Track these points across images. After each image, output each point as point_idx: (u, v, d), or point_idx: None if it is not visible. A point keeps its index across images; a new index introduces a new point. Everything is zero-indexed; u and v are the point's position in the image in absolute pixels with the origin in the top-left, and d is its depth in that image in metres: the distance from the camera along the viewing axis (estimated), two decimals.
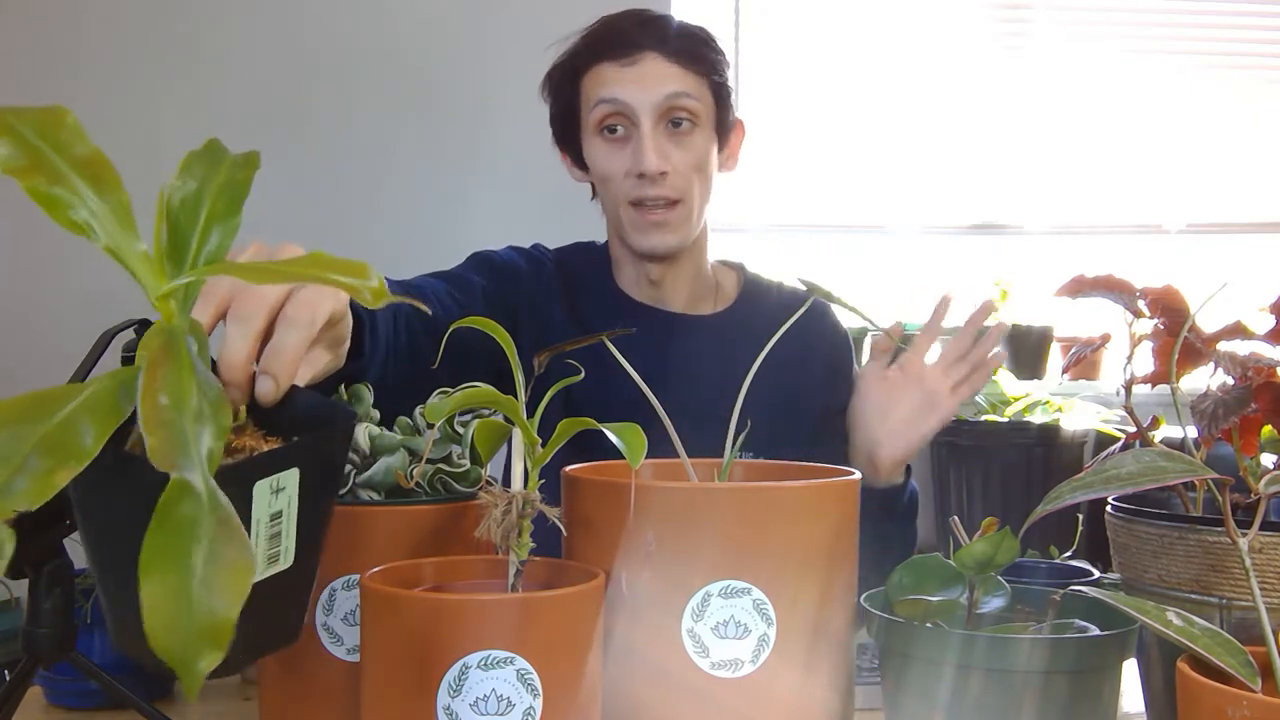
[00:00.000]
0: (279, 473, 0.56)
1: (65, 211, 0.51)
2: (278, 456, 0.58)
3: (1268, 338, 0.76)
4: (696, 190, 1.30)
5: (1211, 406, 0.71)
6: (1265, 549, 0.72)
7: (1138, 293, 0.78)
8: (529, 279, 1.36)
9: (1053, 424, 2.23)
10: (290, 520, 0.58)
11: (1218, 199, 2.72)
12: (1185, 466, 0.66)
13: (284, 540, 0.58)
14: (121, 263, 0.53)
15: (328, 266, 0.49)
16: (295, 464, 0.57)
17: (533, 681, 0.63)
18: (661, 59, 1.26)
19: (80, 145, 0.52)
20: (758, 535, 0.70)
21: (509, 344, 0.72)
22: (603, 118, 1.28)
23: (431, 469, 0.84)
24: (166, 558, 0.43)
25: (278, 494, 0.56)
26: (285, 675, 0.80)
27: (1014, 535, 0.74)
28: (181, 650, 0.43)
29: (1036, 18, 2.70)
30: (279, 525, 0.57)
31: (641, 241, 1.31)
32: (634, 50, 1.26)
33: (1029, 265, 2.67)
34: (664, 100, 1.25)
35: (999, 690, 0.70)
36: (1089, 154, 2.69)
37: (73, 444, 0.47)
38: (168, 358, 0.50)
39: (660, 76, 1.26)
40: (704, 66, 1.29)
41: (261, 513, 0.55)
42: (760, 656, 0.70)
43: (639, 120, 1.26)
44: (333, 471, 0.64)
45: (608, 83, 1.27)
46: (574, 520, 0.75)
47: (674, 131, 1.27)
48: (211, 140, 0.61)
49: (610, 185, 1.31)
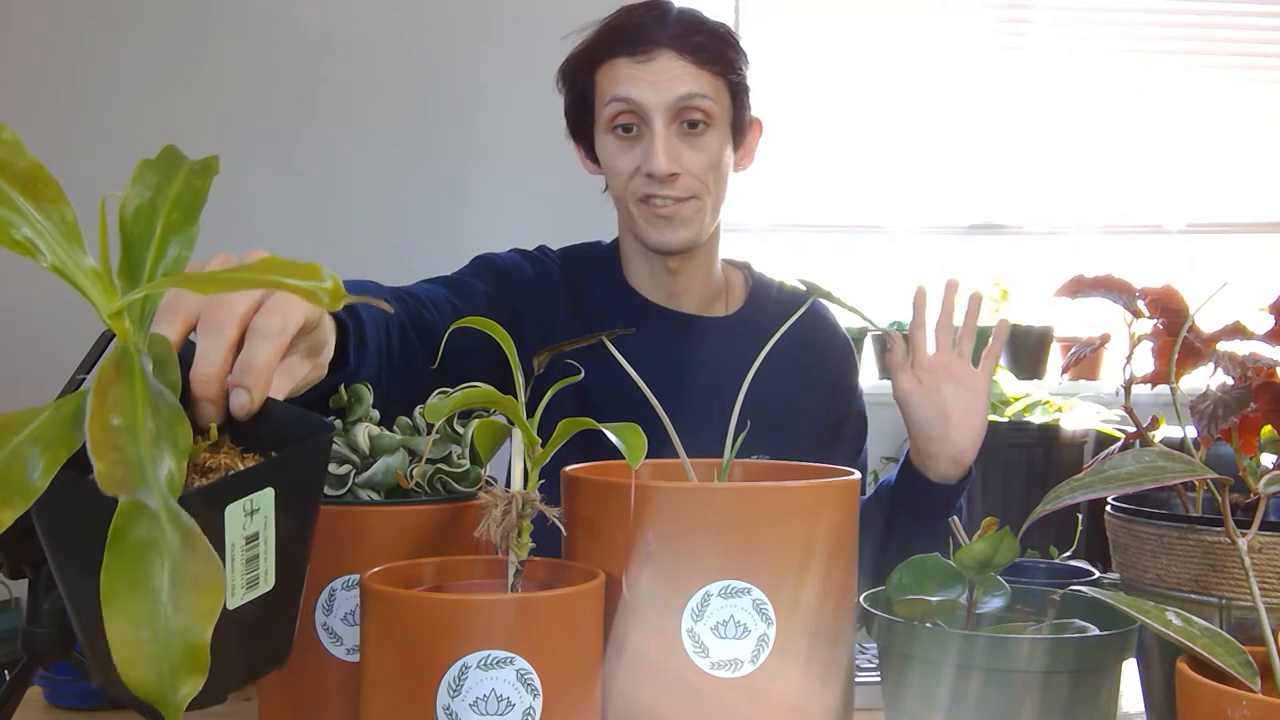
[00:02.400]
0: (252, 493, 0.54)
1: (7, 231, 0.48)
2: (250, 477, 0.56)
3: (1267, 338, 0.76)
4: (710, 190, 1.28)
5: (1211, 406, 0.71)
6: (1264, 549, 0.72)
7: (1137, 293, 0.78)
8: (533, 283, 1.35)
9: (1052, 424, 2.23)
10: (268, 542, 0.55)
11: (1218, 199, 2.72)
12: (1184, 466, 0.66)
13: (262, 562, 0.55)
14: (70, 281, 0.50)
15: (280, 270, 0.46)
16: (270, 483, 0.55)
17: (532, 681, 0.63)
18: (677, 57, 1.24)
19: (20, 159, 0.49)
20: (757, 535, 0.70)
21: (508, 343, 0.72)
22: (614, 115, 1.27)
23: (431, 469, 0.84)
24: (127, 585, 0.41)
25: (252, 515, 0.54)
26: (285, 675, 0.80)
27: (1013, 535, 0.74)
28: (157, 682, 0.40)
29: (1037, 18, 2.70)
30: (255, 548, 0.55)
31: (654, 236, 1.29)
32: (649, 47, 1.24)
33: (1029, 265, 2.67)
34: (677, 101, 1.24)
35: (999, 690, 0.70)
36: (1089, 154, 2.69)
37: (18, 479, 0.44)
38: (119, 378, 0.47)
39: (674, 76, 1.24)
40: (721, 65, 1.27)
41: (236, 536, 0.53)
42: (760, 656, 0.70)
43: (651, 120, 1.24)
44: (311, 488, 0.61)
45: (621, 80, 1.25)
46: (574, 520, 0.75)
47: (687, 132, 1.26)
48: (168, 147, 0.59)
49: (621, 182, 1.29)
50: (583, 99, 1.31)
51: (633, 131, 1.26)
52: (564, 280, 1.37)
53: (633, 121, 1.26)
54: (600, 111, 1.29)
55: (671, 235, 1.28)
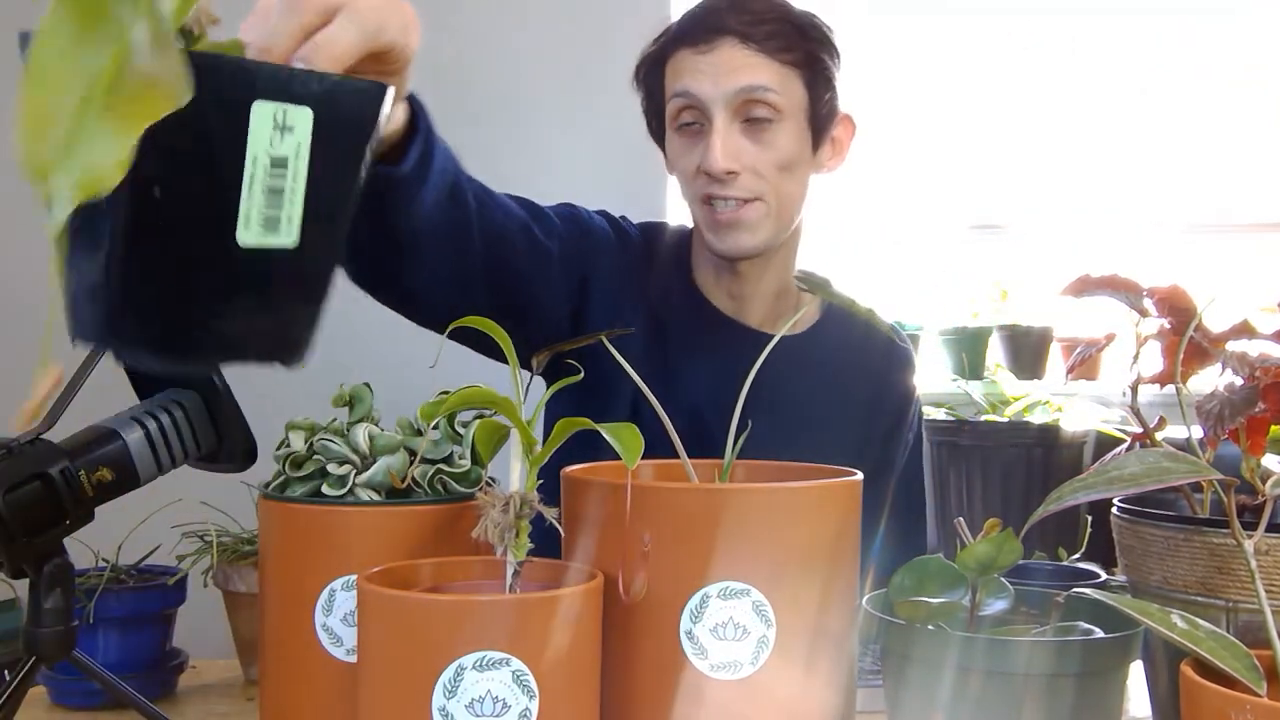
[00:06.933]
0: (286, 103, 0.45)
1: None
2: (290, 80, 0.47)
3: (1275, 337, 0.76)
4: (780, 190, 1.18)
5: (1217, 407, 0.70)
6: (1271, 551, 0.71)
7: (1144, 292, 0.78)
8: (610, 252, 1.25)
9: (1053, 424, 2.23)
10: (297, 179, 0.47)
11: (1218, 199, 2.72)
12: (1189, 467, 0.65)
13: (287, 203, 0.47)
14: None
15: None
16: (310, 105, 0.46)
17: (528, 683, 0.62)
18: (740, 45, 1.14)
19: None
20: (756, 536, 0.70)
21: (507, 343, 0.72)
22: (678, 111, 1.18)
23: (431, 469, 0.84)
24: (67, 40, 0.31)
25: (284, 133, 0.46)
26: (285, 676, 0.80)
27: (1015, 536, 0.73)
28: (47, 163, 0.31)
29: (1037, 18, 2.70)
30: (281, 178, 0.46)
31: (716, 243, 1.20)
32: (713, 35, 1.15)
33: (1029, 265, 2.66)
34: (738, 93, 1.14)
35: (1002, 693, 0.69)
36: (1089, 154, 2.69)
37: None
38: None
39: (736, 66, 1.14)
40: (794, 55, 1.16)
41: (259, 147, 0.45)
42: (760, 658, 0.70)
43: (712, 115, 1.15)
44: (359, 140, 0.52)
45: (683, 73, 1.16)
46: (572, 521, 0.75)
47: (752, 127, 1.16)
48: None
49: (686, 183, 1.21)
50: (653, 97, 1.24)
51: (694, 127, 1.17)
52: (643, 257, 1.27)
53: (695, 117, 1.17)
54: (666, 108, 1.20)
55: (734, 242, 1.18)
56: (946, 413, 2.24)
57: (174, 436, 0.87)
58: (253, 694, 1.09)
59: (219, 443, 0.90)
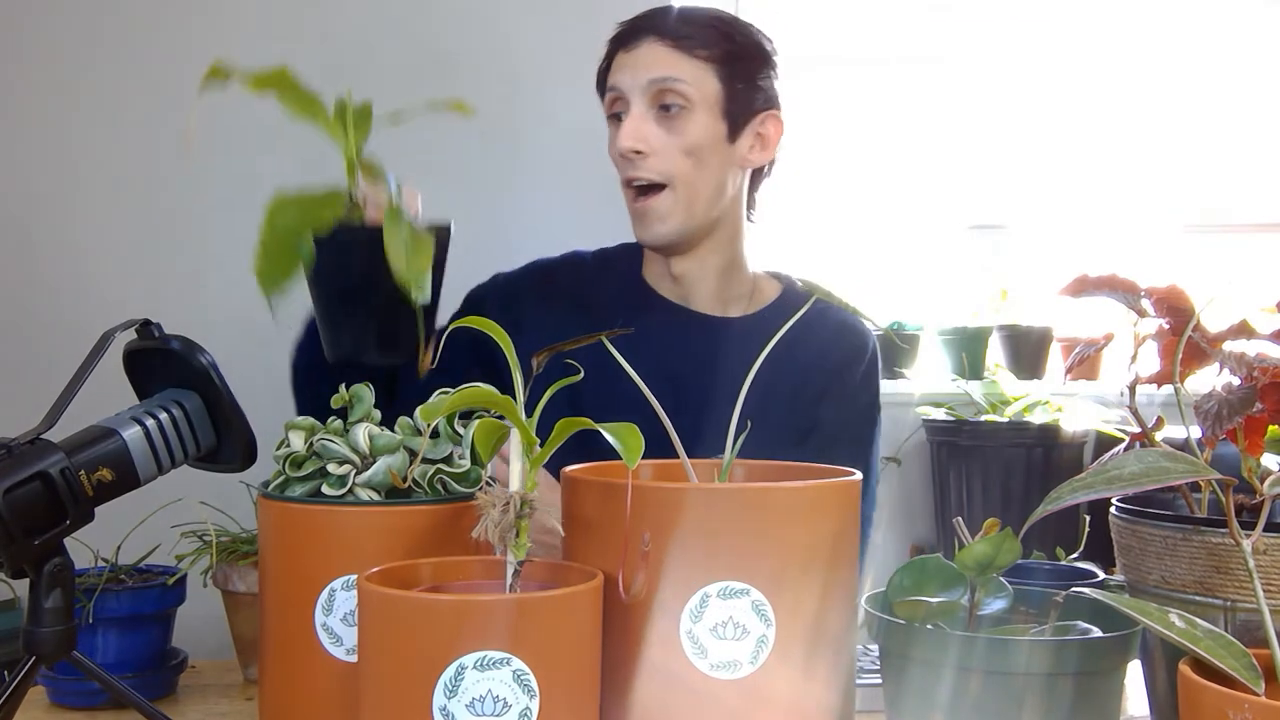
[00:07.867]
0: None
1: None
2: None
3: (1273, 337, 0.76)
4: (688, 177, 1.26)
5: (1216, 406, 0.70)
6: (1269, 550, 0.71)
7: (1142, 292, 0.78)
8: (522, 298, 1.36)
9: (1053, 424, 2.23)
10: None
11: (1218, 199, 2.72)
12: (1188, 467, 0.65)
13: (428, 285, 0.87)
14: None
15: None
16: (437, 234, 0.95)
17: (529, 682, 0.62)
18: (658, 42, 1.26)
19: None
20: (756, 536, 0.70)
21: (507, 343, 0.72)
22: (610, 104, 1.30)
23: (431, 469, 0.84)
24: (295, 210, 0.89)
25: None
26: (285, 675, 0.80)
27: (1015, 536, 0.73)
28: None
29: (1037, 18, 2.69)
30: None
31: (638, 232, 1.30)
32: (639, 35, 1.28)
33: (1029, 265, 2.66)
34: (651, 83, 1.25)
35: (1001, 693, 0.70)
36: (1089, 153, 2.69)
37: None
38: None
39: (651, 60, 1.26)
40: (711, 51, 1.27)
41: None
42: (759, 658, 0.70)
43: (630, 102, 1.27)
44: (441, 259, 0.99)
45: (614, 70, 1.29)
46: (572, 521, 0.75)
47: (664, 115, 1.26)
48: None
49: (616, 169, 1.31)
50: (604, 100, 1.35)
51: (621, 118, 1.28)
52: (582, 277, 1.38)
53: (621, 108, 1.28)
54: None
55: (646, 230, 1.28)
56: (946, 413, 2.25)
57: (174, 436, 0.87)
58: (252, 694, 1.09)
59: (219, 442, 0.90)
